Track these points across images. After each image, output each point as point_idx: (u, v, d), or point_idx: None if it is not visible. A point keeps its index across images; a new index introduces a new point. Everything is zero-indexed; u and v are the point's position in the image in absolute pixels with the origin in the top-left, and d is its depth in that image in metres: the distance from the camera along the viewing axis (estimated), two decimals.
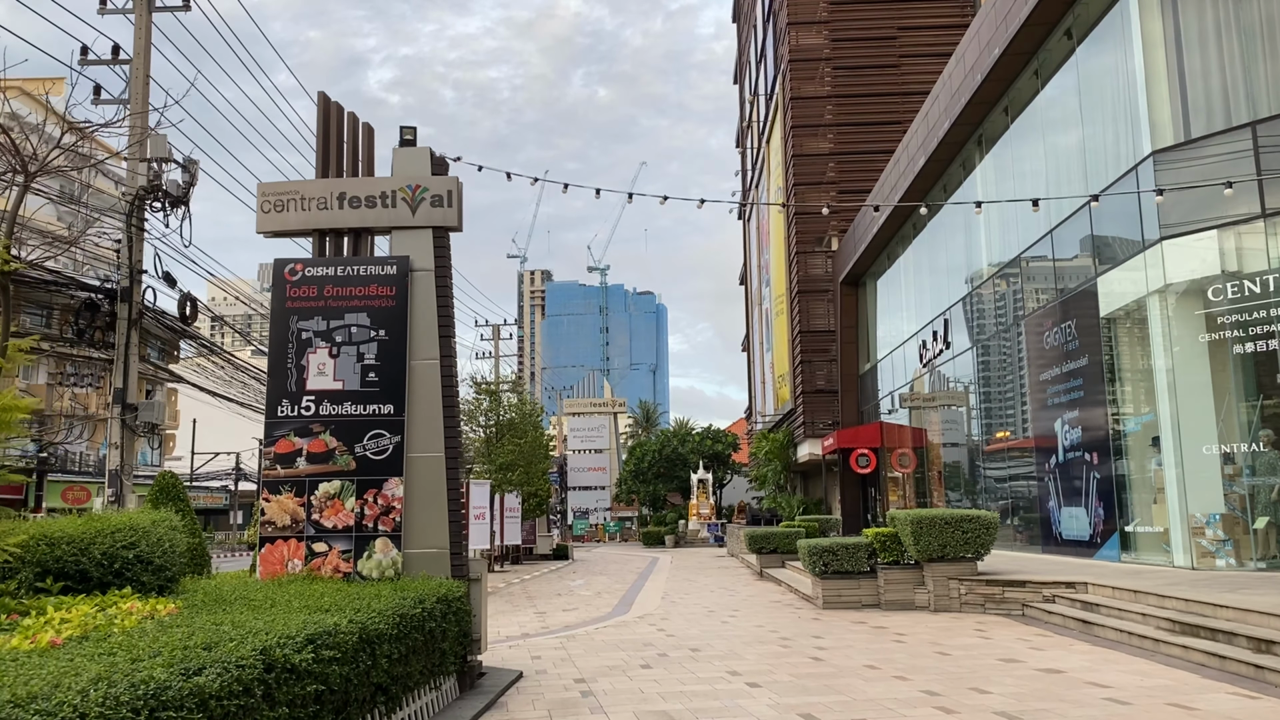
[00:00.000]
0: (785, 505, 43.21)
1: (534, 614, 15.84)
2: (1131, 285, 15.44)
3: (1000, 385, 22.83)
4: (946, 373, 26.43)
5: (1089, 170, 17.21)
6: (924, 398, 30.00)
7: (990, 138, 22.27)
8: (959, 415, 25.90)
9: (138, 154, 17.84)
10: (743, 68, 66.00)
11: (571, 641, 11.76)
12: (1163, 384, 14.54)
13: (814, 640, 11.23)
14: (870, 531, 15.15)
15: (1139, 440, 15.57)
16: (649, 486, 60.66)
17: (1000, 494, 22.17)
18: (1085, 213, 17.08)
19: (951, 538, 13.90)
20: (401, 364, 8.49)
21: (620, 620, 14.23)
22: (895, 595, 14.55)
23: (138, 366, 17.57)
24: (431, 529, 8.31)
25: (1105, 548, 16.36)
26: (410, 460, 8.39)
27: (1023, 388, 20.68)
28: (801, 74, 43.77)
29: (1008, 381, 22.27)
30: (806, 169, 43.35)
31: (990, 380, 23.45)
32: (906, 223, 29.81)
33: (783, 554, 23.92)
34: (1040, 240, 19.22)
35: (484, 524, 27.47)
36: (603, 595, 19.44)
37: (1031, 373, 19.69)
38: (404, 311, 8.54)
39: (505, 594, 20.48)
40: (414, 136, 8.78)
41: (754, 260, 61.67)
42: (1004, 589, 13.50)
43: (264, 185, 8.75)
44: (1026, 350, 20.07)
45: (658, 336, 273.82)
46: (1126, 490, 15.83)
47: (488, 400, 29.83)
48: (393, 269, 8.60)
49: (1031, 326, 19.67)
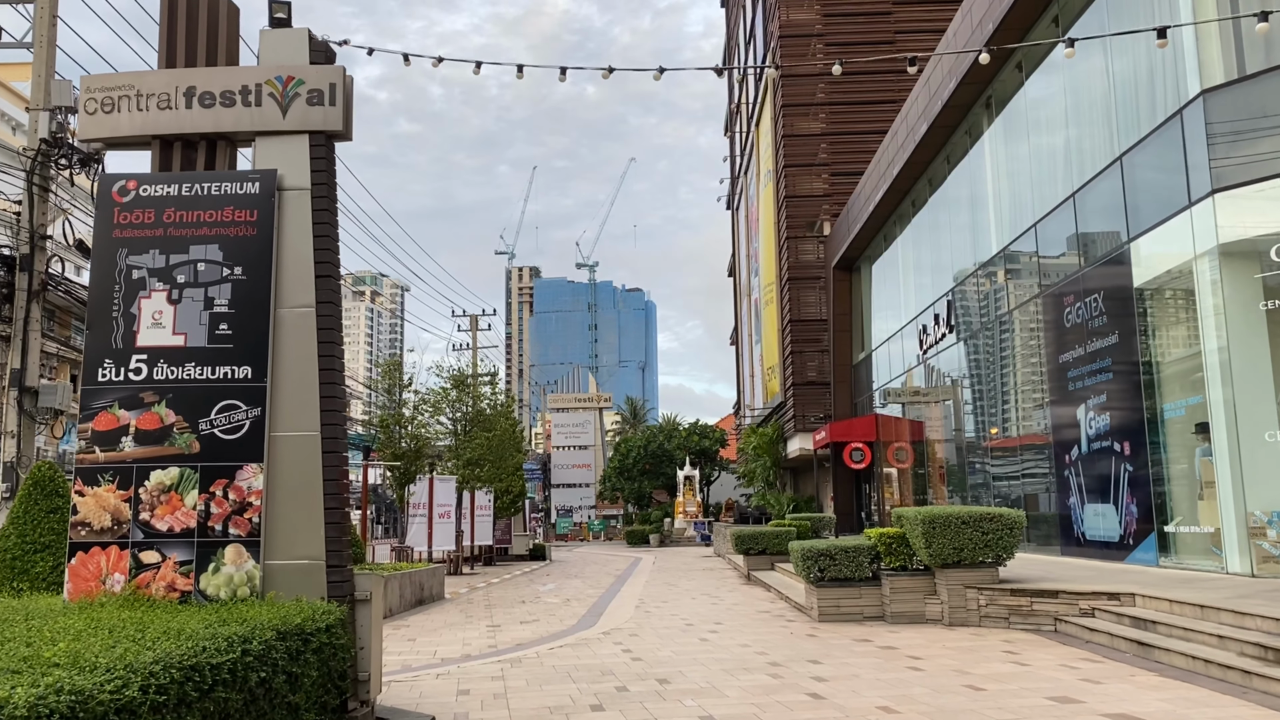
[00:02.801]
0: (774, 503, 41.18)
1: (486, 628, 13.74)
2: (1173, 249, 13.41)
3: (1011, 370, 20.81)
4: (950, 359, 24.40)
5: (1119, 123, 15.17)
6: (917, 392, 27.98)
7: (1001, 98, 20.24)
8: (963, 405, 23.87)
9: (40, 102, 15.73)
10: (731, 51, 63.91)
11: (516, 668, 9.66)
12: (1213, 362, 12.51)
13: (811, 667, 9.16)
14: (873, 532, 13.10)
15: (1181, 427, 13.56)
16: (634, 484, 58.53)
17: (1010, 490, 20.15)
18: (1115, 172, 15.05)
19: (969, 539, 11.86)
20: (265, 313, 6.37)
21: (582, 636, 12.14)
22: (902, 606, 12.50)
23: (39, 344, 15.48)
24: (302, 533, 6.21)
25: (1139, 550, 14.34)
26: (275, 441, 6.28)
27: (1038, 372, 18.67)
28: (792, 51, 41.70)
29: (1020, 366, 20.25)
30: (798, 150, 41.30)
31: (1000, 365, 21.44)
32: (905, 200, 27.78)
33: (772, 555, 21.89)
34: (1061, 206, 17.18)
35: (449, 523, 25.38)
36: (571, 603, 17.36)
37: (1049, 355, 17.67)
38: (269, 243, 6.43)
39: (463, 601, 18.37)
40: (288, 14, 6.64)
41: (743, 250, 59.64)
42: (1032, 600, 11.46)
43: (88, 78, 6.63)
44: (1043, 330, 18.04)
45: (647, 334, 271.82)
46: (1165, 485, 13.82)
47: (455, 391, 27.66)
48: (254, 187, 6.48)
49: (1049, 303, 17.64)
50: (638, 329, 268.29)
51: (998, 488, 20.91)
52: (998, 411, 21.36)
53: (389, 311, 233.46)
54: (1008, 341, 20.80)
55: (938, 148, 23.82)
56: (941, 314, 24.47)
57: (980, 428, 22.39)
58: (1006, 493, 20.42)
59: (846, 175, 38.78)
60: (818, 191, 41.07)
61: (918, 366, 27.22)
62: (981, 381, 22.43)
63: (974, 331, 22.50)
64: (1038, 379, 18.73)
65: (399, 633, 13.36)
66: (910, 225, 28.02)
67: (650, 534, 48.26)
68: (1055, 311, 17.27)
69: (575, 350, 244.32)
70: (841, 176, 39.81)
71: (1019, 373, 20.31)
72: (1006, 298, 20.36)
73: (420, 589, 17.80)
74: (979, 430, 22.50)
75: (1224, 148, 12.26)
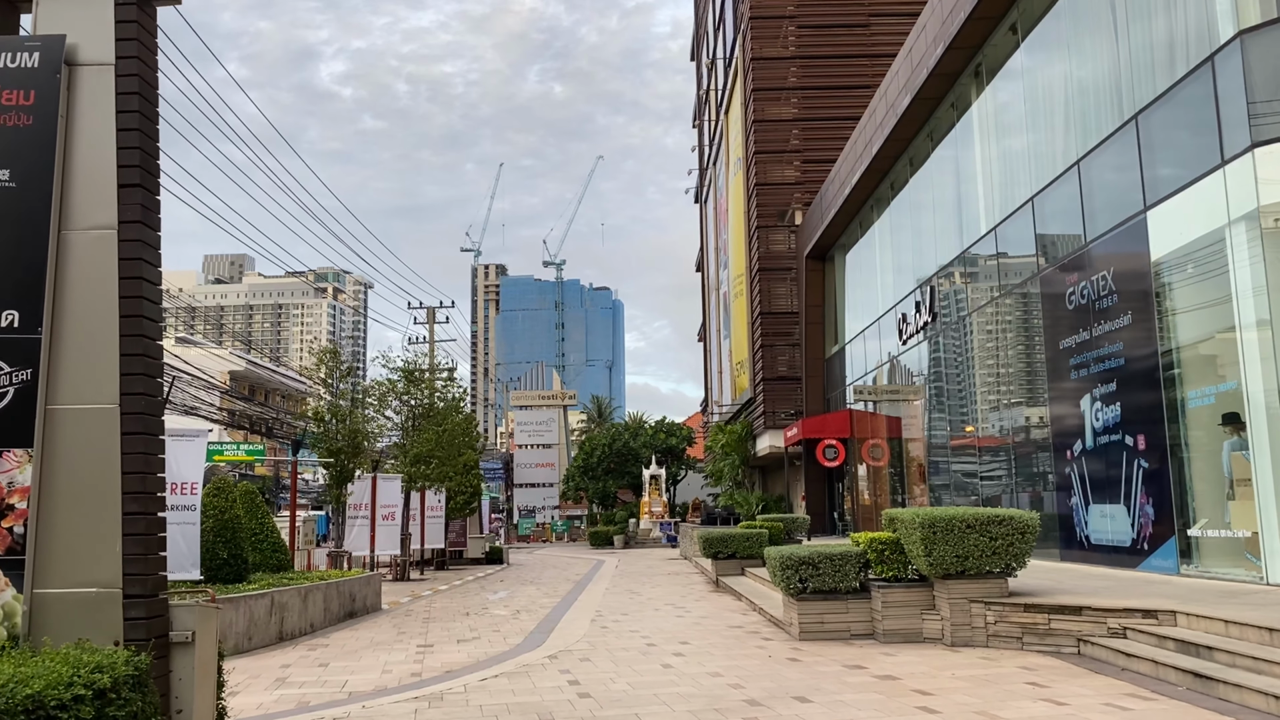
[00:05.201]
0: (743, 502, 39.57)
1: (416, 648, 11.88)
2: (1201, 213, 11.84)
3: (1001, 359, 19.26)
4: (931, 349, 22.84)
5: (1133, 79, 13.60)
6: (895, 387, 26.44)
7: (993, 64, 18.67)
8: (946, 398, 22.30)
9: None
10: (700, 39, 62.27)
11: (434, 709, 7.83)
12: (1250, 341, 10.95)
13: (798, 708, 7.42)
14: (862, 537, 11.40)
15: (1207, 417, 12.00)
16: (599, 483, 56.69)
17: (1000, 490, 18.59)
18: (1128, 134, 13.48)
19: (975, 546, 10.19)
20: (42, 235, 4.51)
21: (525, 662, 10.32)
22: (896, 623, 10.80)
23: None
24: (89, 549, 4.36)
25: (1155, 556, 12.78)
26: (53, 418, 4.43)
27: (1033, 360, 17.12)
28: (763, 33, 40.10)
29: (1011, 355, 18.70)
30: (769, 135, 39.71)
31: (988, 354, 19.88)
32: (884, 182, 26.21)
33: (742, 560, 20.19)
34: (1063, 176, 15.61)
35: (393, 526, 23.41)
36: (521, 615, 15.53)
37: (1047, 341, 16.10)
38: (51, 138, 4.57)
39: (400, 614, 16.48)
40: None
41: (711, 243, 58.02)
42: (1049, 617, 9.80)
43: None
44: (1041, 314, 16.47)
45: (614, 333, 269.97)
46: (1188, 482, 12.26)
47: (403, 382, 25.65)
48: (32, 60, 4.61)
49: (1048, 284, 16.08)
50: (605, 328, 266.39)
51: (985, 487, 19.35)
52: (986, 404, 19.80)
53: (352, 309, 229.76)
54: (998, 328, 19.25)
55: (921, 122, 22.24)
56: (923, 301, 22.91)
57: (965, 422, 20.83)
58: (995, 492, 18.87)
59: (819, 162, 37.21)
60: (789, 179, 39.50)
61: (896, 358, 25.65)
62: (967, 372, 20.87)
63: (959, 318, 20.94)
64: (1033, 368, 17.18)
65: (312, 655, 11.47)
66: (889, 209, 26.46)
67: (614, 535, 46.47)
68: (1056, 293, 15.70)
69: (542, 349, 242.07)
70: (814, 164, 38.26)
71: (1010, 362, 18.76)
72: (997, 280, 18.79)
73: (351, 600, 15.89)
74: (964, 425, 20.94)
75: (1266, 96, 10.69)
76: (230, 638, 11.47)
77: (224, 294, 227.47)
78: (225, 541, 13.46)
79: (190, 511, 12.60)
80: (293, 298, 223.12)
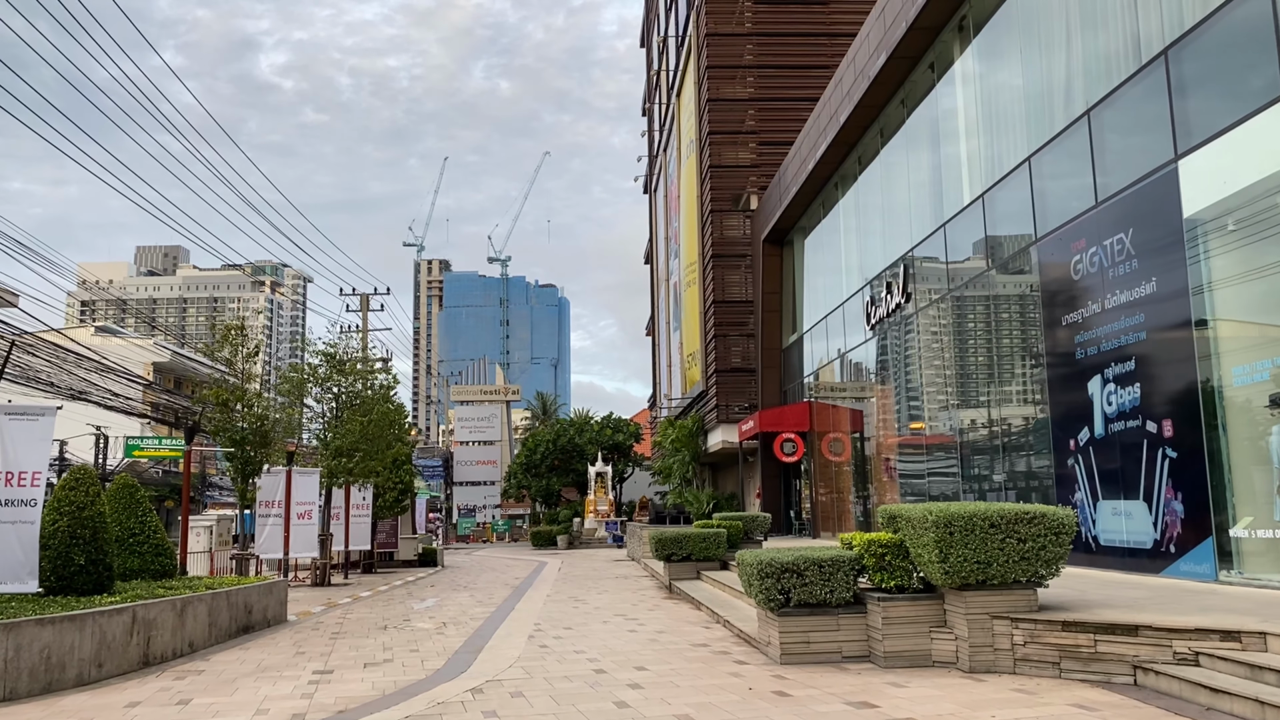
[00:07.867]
0: (694, 500, 37.66)
1: (310, 677, 9.62)
2: (1245, 162, 10.09)
3: (988, 340, 17.51)
4: (905, 333, 21.06)
5: (1163, 11, 11.84)
6: (850, 381, 24.70)
7: (981, 15, 16.89)
8: (922, 386, 20.51)
9: None
10: (651, 22, 60.26)
11: None
12: None
13: None
14: (858, 539, 9.42)
15: (1249, 400, 10.26)
16: (542, 480, 54.37)
17: (988, 487, 16.83)
18: (1155, 73, 11.72)
19: (1000, 549, 8.28)
20: None
21: (438, 698, 8.14)
22: (900, 643, 8.85)
23: None
24: None
25: (1185, 560, 11.02)
26: None
27: (1027, 340, 15.37)
28: (719, 7, 38.22)
29: (999, 336, 16.95)
30: (723, 116, 37.86)
31: (971, 336, 18.13)
32: (850, 156, 24.41)
33: (698, 562, 18.26)
34: (1067, 130, 13.84)
35: (310, 525, 20.98)
36: (447, 630, 13.33)
37: (1045, 317, 14.34)
38: None
39: (307, 627, 14.16)
40: None
41: (661, 232, 56.03)
42: (1095, 638, 7.90)
43: None
44: (1038, 288, 14.71)
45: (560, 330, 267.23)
46: (1226, 475, 10.50)
47: (325, 367, 23.19)
48: None
49: (1048, 253, 14.30)
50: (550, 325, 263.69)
51: (968, 483, 17.57)
52: (969, 392, 18.03)
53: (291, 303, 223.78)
54: (985, 306, 17.49)
55: (895, 85, 20.44)
56: (895, 281, 21.12)
57: (944, 412, 19.06)
58: (979, 490, 17.10)
59: (776, 145, 35.45)
60: (744, 162, 37.68)
61: (863, 344, 23.87)
62: (946, 357, 19.10)
63: (938, 298, 19.15)
64: (1027, 349, 15.42)
65: (176, 687, 9.16)
66: (855, 186, 24.67)
67: (558, 535, 44.26)
68: (1058, 262, 13.93)
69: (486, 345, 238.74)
70: (771, 146, 36.51)
71: (997, 344, 17.02)
72: (985, 253, 17.02)
73: (247, 612, 13.54)
74: (942, 415, 19.17)
75: None
76: (69, 666, 9.11)
77: (157, 286, 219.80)
78: (83, 544, 11.04)
79: (29, 507, 10.22)
80: (229, 291, 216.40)
